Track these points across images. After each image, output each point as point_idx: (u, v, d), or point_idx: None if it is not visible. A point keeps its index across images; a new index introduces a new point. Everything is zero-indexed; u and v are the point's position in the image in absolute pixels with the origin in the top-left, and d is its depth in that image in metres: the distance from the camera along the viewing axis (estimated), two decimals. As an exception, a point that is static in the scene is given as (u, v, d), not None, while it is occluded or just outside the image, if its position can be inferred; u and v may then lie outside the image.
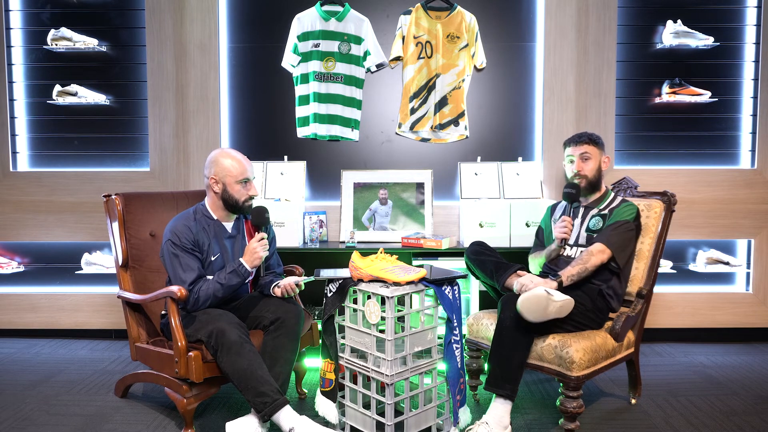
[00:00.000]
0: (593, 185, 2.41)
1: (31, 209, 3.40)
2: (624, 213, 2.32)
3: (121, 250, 2.48)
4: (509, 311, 2.07)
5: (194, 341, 2.14)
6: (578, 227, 2.41)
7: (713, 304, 3.36)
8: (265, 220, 2.28)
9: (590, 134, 2.43)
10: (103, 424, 2.31)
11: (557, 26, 3.26)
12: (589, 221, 2.39)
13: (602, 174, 2.43)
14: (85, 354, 3.20)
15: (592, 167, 2.39)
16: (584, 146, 2.39)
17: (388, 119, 3.37)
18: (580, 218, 2.43)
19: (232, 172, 2.26)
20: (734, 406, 2.47)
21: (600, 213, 2.38)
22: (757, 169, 3.34)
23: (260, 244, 2.21)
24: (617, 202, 2.40)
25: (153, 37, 3.31)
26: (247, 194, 2.29)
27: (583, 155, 2.39)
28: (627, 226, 2.29)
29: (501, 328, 2.10)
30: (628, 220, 2.30)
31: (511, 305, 2.07)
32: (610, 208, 2.38)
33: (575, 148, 2.41)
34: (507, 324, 2.07)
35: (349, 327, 2.12)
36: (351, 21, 3.26)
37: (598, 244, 2.25)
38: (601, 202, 2.42)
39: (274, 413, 2.01)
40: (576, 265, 2.22)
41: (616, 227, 2.29)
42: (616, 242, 2.25)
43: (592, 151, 2.39)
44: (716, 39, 3.27)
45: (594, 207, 2.42)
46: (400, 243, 3.04)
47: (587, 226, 2.38)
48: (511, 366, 2.09)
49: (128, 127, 3.44)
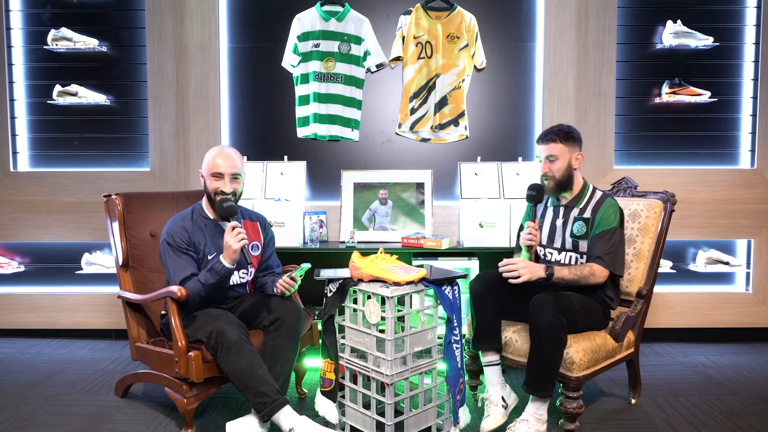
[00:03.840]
0: (563, 185, 2.31)
1: (32, 209, 3.40)
2: (608, 220, 2.23)
3: (121, 250, 2.48)
4: (545, 315, 2.05)
5: (194, 341, 2.14)
6: (561, 229, 2.35)
7: (713, 304, 3.36)
8: (228, 209, 2.16)
9: (558, 131, 2.30)
10: (104, 424, 2.31)
11: (557, 26, 3.26)
12: (573, 226, 2.31)
13: (573, 172, 2.32)
14: (86, 354, 3.20)
15: (560, 167, 2.28)
16: (551, 145, 2.29)
17: (388, 119, 3.37)
18: (561, 218, 2.36)
19: (206, 165, 2.25)
20: (734, 406, 2.47)
21: (582, 217, 2.30)
22: (757, 169, 3.34)
23: (233, 236, 2.09)
24: (596, 200, 2.30)
25: (153, 37, 3.31)
26: (217, 187, 2.22)
27: (549, 157, 2.29)
28: (617, 236, 2.23)
29: (538, 332, 2.07)
30: (615, 227, 2.23)
31: (545, 308, 2.06)
32: (592, 210, 2.28)
33: (542, 147, 2.32)
34: (545, 327, 2.05)
35: (349, 327, 2.13)
36: (351, 21, 3.27)
37: (600, 268, 2.19)
38: (580, 200, 2.33)
39: (274, 413, 2.02)
40: (573, 274, 2.18)
41: (608, 240, 2.21)
42: (614, 261, 2.21)
43: (560, 150, 2.28)
44: (716, 39, 3.27)
45: (574, 206, 2.33)
46: (400, 243, 3.04)
47: (571, 231, 2.31)
48: (550, 367, 2.08)
49: (128, 127, 3.44)
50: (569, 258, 2.32)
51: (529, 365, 2.12)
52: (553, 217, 2.39)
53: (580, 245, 2.29)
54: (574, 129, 2.33)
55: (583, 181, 2.37)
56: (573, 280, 2.18)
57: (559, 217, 2.37)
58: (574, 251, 2.31)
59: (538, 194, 2.33)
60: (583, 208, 2.31)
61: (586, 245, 2.28)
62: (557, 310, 2.06)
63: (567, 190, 2.34)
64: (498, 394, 2.25)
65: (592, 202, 2.31)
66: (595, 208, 2.29)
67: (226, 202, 2.18)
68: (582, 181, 2.37)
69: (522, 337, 2.25)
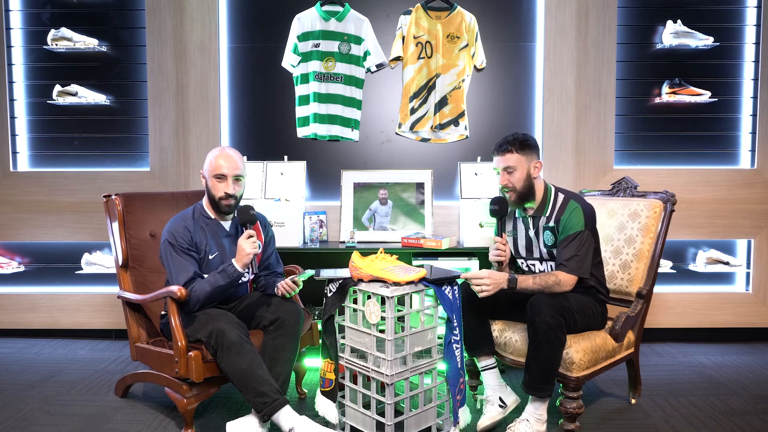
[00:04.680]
0: (524, 196, 2.25)
1: (32, 209, 3.40)
2: (571, 224, 2.18)
3: (121, 250, 2.48)
4: (543, 315, 2.04)
5: (194, 341, 2.14)
6: (535, 239, 2.31)
7: (713, 304, 3.36)
8: (250, 216, 2.21)
9: (513, 140, 2.23)
10: (104, 424, 2.31)
11: (557, 26, 3.26)
12: (543, 236, 2.28)
13: (533, 180, 2.25)
14: (86, 354, 3.20)
15: (519, 177, 2.22)
16: (507, 156, 2.22)
17: (388, 119, 3.37)
18: (533, 229, 2.30)
19: (209, 167, 2.26)
20: (734, 406, 2.47)
21: (548, 225, 2.25)
22: (757, 169, 3.34)
23: (248, 242, 2.15)
24: (559, 205, 2.24)
25: (153, 37, 3.31)
26: (222, 191, 2.24)
27: (507, 168, 2.23)
28: (581, 238, 2.17)
29: (536, 332, 2.06)
30: (577, 231, 2.17)
31: (543, 308, 2.05)
32: (555, 218, 2.23)
33: (498, 159, 2.25)
34: (543, 328, 2.04)
35: (349, 327, 2.12)
36: (351, 21, 3.26)
37: (565, 275, 2.15)
38: (545, 209, 2.27)
39: (274, 413, 2.02)
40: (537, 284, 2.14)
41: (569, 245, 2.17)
42: (579, 266, 2.16)
43: (517, 160, 2.21)
44: (716, 39, 3.27)
45: (541, 215, 2.27)
46: (400, 243, 3.04)
47: (544, 242, 2.28)
48: (548, 367, 2.08)
49: (128, 127, 3.44)
50: (550, 267, 2.30)
51: (527, 365, 2.12)
52: (525, 228, 2.34)
53: (554, 254, 2.27)
54: (529, 137, 2.27)
55: (545, 187, 2.30)
56: (537, 290, 2.14)
57: (530, 227, 2.32)
58: (551, 260, 2.29)
59: (501, 208, 2.28)
60: (549, 216, 2.26)
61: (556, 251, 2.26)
62: (555, 310, 2.05)
63: (530, 200, 2.27)
64: (496, 395, 2.25)
65: (557, 209, 2.25)
66: (558, 215, 2.23)
67: (251, 210, 2.22)
68: (543, 188, 2.29)
69: (521, 337, 2.25)
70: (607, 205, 2.57)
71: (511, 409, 2.26)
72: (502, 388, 2.27)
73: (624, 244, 2.47)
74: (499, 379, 2.29)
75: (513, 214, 2.39)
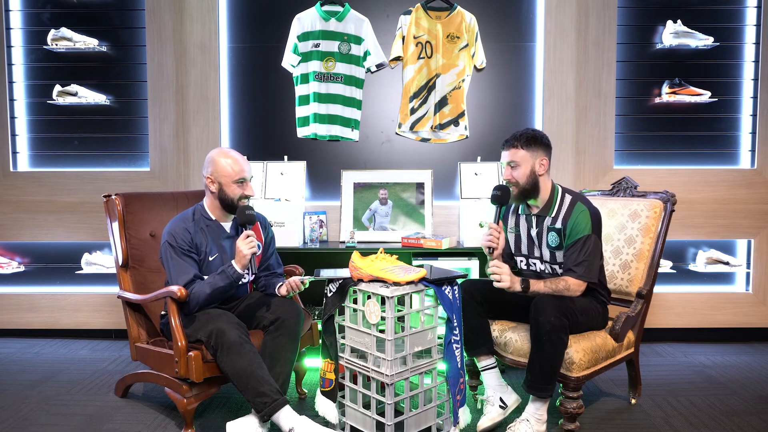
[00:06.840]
0: (527, 192, 2.23)
1: (32, 209, 3.40)
2: (579, 228, 2.17)
3: (121, 250, 2.48)
4: (547, 316, 2.04)
5: (194, 341, 2.14)
6: (537, 239, 2.30)
7: (713, 304, 3.37)
8: (249, 217, 2.20)
9: (521, 136, 2.23)
10: (104, 424, 2.31)
11: (557, 26, 3.26)
12: (547, 237, 2.26)
13: (539, 178, 2.23)
14: (86, 354, 3.20)
15: (522, 173, 2.21)
16: (512, 151, 2.23)
17: (388, 119, 3.37)
18: (536, 228, 2.29)
19: (228, 172, 2.24)
20: (734, 406, 2.47)
21: (554, 227, 2.24)
22: (757, 169, 3.34)
23: (246, 243, 2.13)
24: (567, 207, 2.22)
25: (153, 37, 3.31)
26: (241, 192, 2.26)
27: (510, 163, 2.23)
28: (590, 242, 2.16)
29: (539, 333, 2.06)
30: (585, 235, 2.16)
31: (547, 309, 2.05)
32: (563, 219, 2.21)
33: (504, 153, 2.26)
34: (547, 328, 2.04)
35: (349, 327, 2.12)
36: (351, 21, 3.26)
37: (574, 280, 2.16)
38: (551, 209, 2.25)
39: (274, 413, 2.02)
40: (548, 288, 2.14)
41: (579, 250, 2.16)
42: (587, 271, 2.16)
43: (522, 156, 2.21)
44: (716, 39, 3.27)
45: (546, 215, 2.25)
46: (400, 243, 3.04)
47: (547, 242, 2.26)
48: (550, 368, 2.08)
49: (128, 127, 3.44)
50: (550, 268, 2.30)
51: (529, 365, 2.12)
52: (528, 226, 2.33)
53: (557, 256, 2.26)
54: (540, 134, 2.25)
55: (552, 186, 2.28)
56: (549, 293, 2.14)
57: (533, 226, 2.30)
58: (553, 262, 2.28)
59: (503, 195, 2.21)
60: (555, 217, 2.24)
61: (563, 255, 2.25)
62: (559, 311, 2.05)
63: (533, 197, 2.26)
64: (496, 395, 2.25)
65: (563, 210, 2.22)
66: (565, 217, 2.21)
67: (249, 210, 2.21)
68: (550, 186, 2.28)
69: (522, 337, 2.25)
70: (607, 205, 2.57)
71: (511, 409, 2.26)
72: (502, 388, 2.27)
73: (624, 244, 2.47)
74: (499, 378, 2.29)
75: (516, 211, 2.39)
